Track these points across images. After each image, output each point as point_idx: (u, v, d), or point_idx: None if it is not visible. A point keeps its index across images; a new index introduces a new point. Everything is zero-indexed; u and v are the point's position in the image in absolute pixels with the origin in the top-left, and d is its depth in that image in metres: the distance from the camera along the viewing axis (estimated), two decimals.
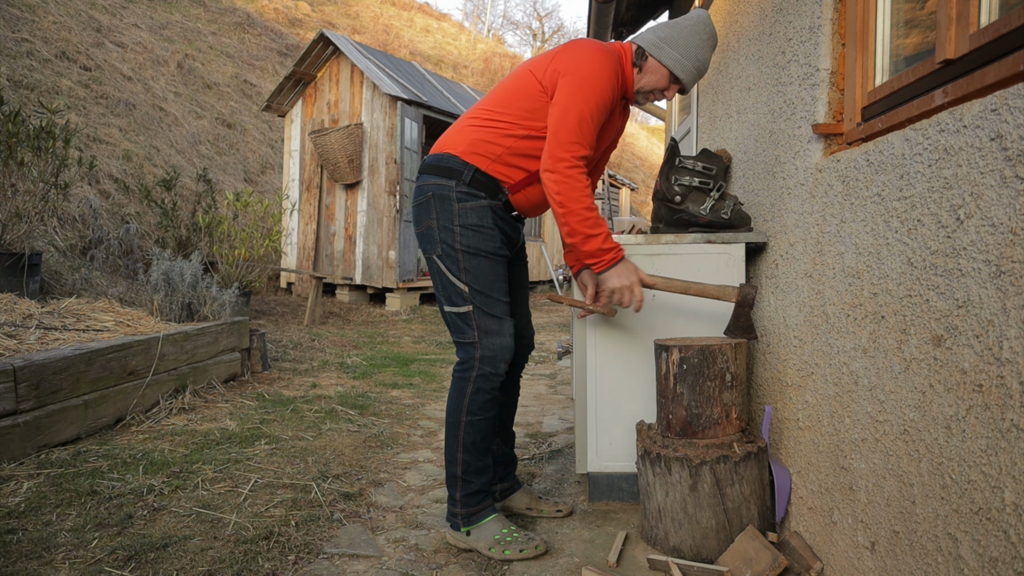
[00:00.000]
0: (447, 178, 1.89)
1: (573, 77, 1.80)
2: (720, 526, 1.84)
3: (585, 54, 1.83)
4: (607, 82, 1.81)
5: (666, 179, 2.33)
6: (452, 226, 1.87)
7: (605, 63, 1.82)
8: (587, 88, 1.79)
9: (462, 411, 1.91)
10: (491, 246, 1.89)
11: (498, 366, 1.90)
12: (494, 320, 1.90)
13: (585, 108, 1.78)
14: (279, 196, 9.17)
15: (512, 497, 2.22)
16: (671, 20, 1.96)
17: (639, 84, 1.97)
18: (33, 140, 4.76)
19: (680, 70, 1.93)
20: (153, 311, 3.98)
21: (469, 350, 1.90)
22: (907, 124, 1.40)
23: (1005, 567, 1.01)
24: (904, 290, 1.31)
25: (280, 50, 15.62)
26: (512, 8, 55.46)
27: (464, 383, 1.91)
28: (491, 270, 1.90)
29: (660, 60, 1.92)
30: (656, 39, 1.94)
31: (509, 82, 1.95)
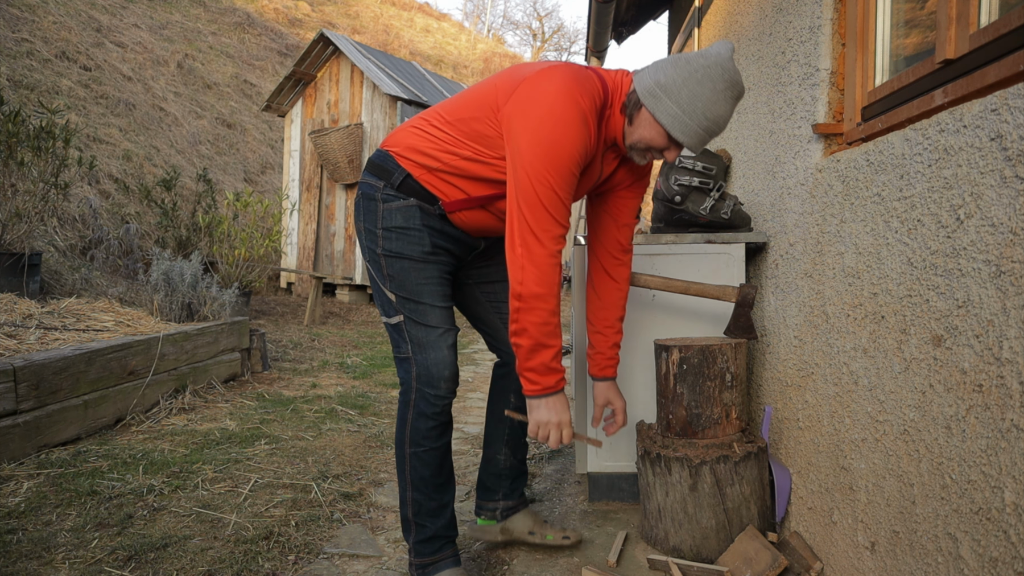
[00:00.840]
0: (377, 178, 1.67)
1: (530, 139, 1.43)
2: (720, 526, 1.84)
3: (544, 103, 1.43)
4: (572, 146, 1.44)
5: (666, 179, 2.33)
6: (375, 229, 1.65)
7: (568, 121, 1.43)
8: (548, 156, 1.42)
9: (405, 442, 1.68)
10: (417, 250, 1.64)
11: (437, 385, 1.64)
12: (427, 330, 1.65)
13: (551, 181, 1.44)
14: (279, 196, 9.17)
15: (513, 519, 1.97)
16: (682, 56, 1.49)
17: (631, 138, 1.55)
18: (33, 140, 4.76)
19: (679, 130, 1.47)
20: (153, 311, 3.98)
21: (406, 367, 1.66)
22: (907, 124, 1.40)
23: (1005, 567, 1.01)
24: (904, 290, 1.31)
25: (280, 50, 15.62)
26: (512, 8, 55.47)
27: (405, 409, 1.67)
28: (419, 275, 1.65)
29: (654, 114, 1.48)
30: (654, 84, 1.48)
31: (471, 93, 1.63)
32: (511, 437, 1.97)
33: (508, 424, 1.95)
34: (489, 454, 1.98)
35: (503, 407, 1.94)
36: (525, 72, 1.52)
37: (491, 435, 1.98)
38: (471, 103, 1.59)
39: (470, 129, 1.57)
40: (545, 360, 1.52)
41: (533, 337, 1.49)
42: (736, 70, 1.47)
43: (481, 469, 2.01)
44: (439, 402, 1.66)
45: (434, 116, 1.65)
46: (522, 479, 2.00)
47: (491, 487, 1.98)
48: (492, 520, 1.99)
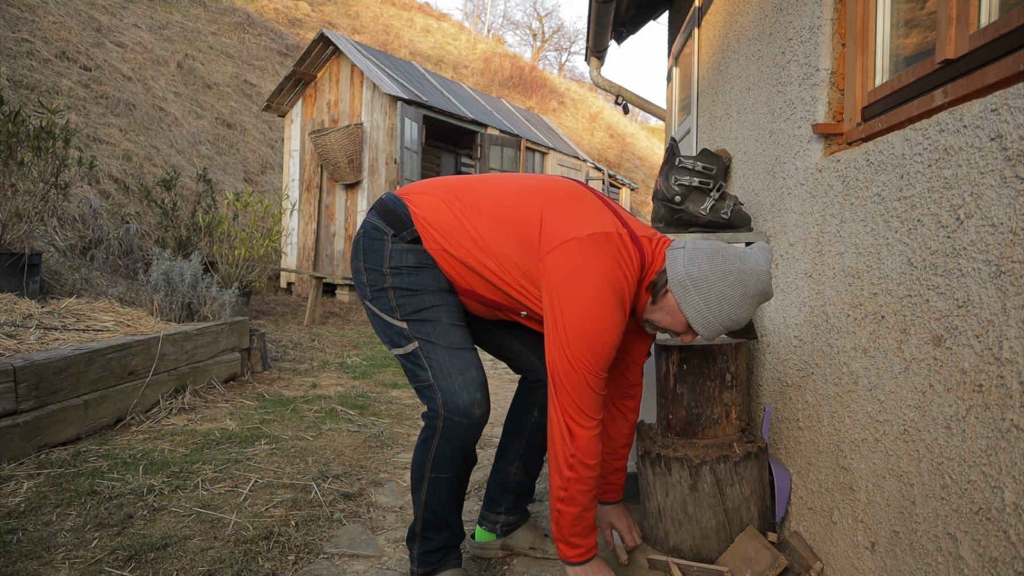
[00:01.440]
0: (388, 224, 1.59)
1: (574, 324, 1.44)
2: (720, 526, 1.84)
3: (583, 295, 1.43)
4: (614, 333, 1.46)
5: (666, 179, 2.33)
6: (381, 268, 1.58)
7: (610, 312, 1.45)
8: (591, 344, 1.44)
9: (426, 466, 1.60)
10: (430, 284, 1.58)
11: (469, 412, 1.52)
12: (448, 351, 1.55)
13: (594, 365, 1.46)
14: (279, 196, 9.17)
15: (515, 534, 1.94)
16: (720, 251, 1.51)
17: (650, 315, 1.57)
18: (33, 140, 4.76)
19: (700, 324, 1.51)
20: (153, 311, 3.98)
21: (431, 396, 1.55)
22: (907, 124, 1.40)
23: (1005, 567, 1.01)
24: (904, 290, 1.31)
25: (280, 50, 15.62)
26: (512, 8, 55.49)
27: (430, 434, 1.57)
28: (435, 299, 1.58)
29: (680, 304, 1.51)
30: (686, 276, 1.49)
31: (516, 209, 1.54)
32: (527, 452, 1.89)
33: (527, 438, 1.88)
34: (501, 465, 1.92)
35: (525, 420, 1.87)
36: (573, 225, 1.48)
37: (507, 446, 1.91)
38: (511, 222, 1.53)
39: (503, 248, 1.53)
40: (588, 522, 1.56)
41: (581, 504, 1.52)
42: (769, 278, 1.51)
43: (490, 478, 1.95)
44: (471, 432, 1.55)
45: (469, 205, 1.57)
46: (527, 496, 1.95)
47: (496, 499, 1.93)
48: (492, 534, 1.94)
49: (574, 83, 30.29)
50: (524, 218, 1.52)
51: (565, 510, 1.53)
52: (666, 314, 1.54)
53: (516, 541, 1.93)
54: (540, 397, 1.85)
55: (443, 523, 1.66)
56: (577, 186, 1.61)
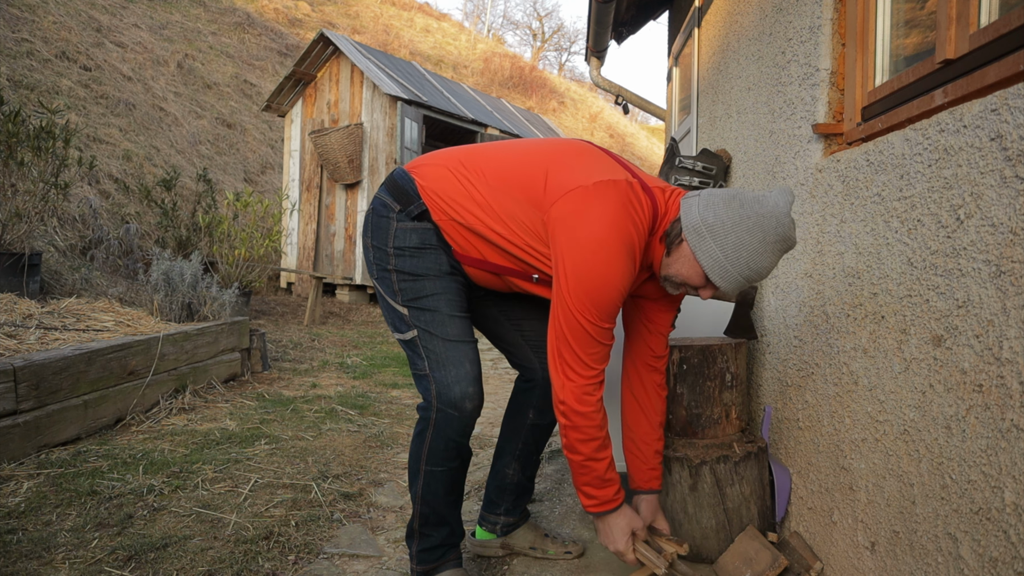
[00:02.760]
0: (395, 199, 1.59)
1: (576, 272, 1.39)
2: (720, 526, 1.84)
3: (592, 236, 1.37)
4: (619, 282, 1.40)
5: (666, 179, 2.33)
6: (386, 248, 1.58)
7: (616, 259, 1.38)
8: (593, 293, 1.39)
9: (421, 459, 1.61)
10: (432, 268, 1.57)
11: (461, 405, 1.54)
12: (445, 344, 1.55)
13: (595, 315, 1.40)
14: (279, 196, 9.17)
15: (515, 534, 1.93)
16: (737, 196, 1.41)
17: (666, 270, 1.49)
18: (33, 140, 4.76)
19: (718, 275, 1.41)
20: (153, 311, 3.98)
21: (426, 386, 1.57)
22: (907, 124, 1.40)
23: (1005, 567, 1.01)
24: (904, 290, 1.31)
25: (280, 50, 15.62)
26: (512, 8, 55.52)
27: (424, 426, 1.59)
28: (436, 285, 1.57)
29: (695, 253, 1.41)
30: (701, 222, 1.40)
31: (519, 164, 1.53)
32: (523, 453, 1.89)
33: (523, 440, 1.87)
34: (499, 467, 1.92)
35: (520, 421, 1.87)
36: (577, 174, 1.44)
37: (503, 448, 1.91)
38: (516, 177, 1.51)
39: (509, 209, 1.50)
40: (599, 473, 1.50)
41: (582, 453, 1.48)
42: (791, 223, 1.38)
43: (489, 480, 1.95)
44: (462, 424, 1.56)
45: (473, 166, 1.55)
46: (526, 496, 1.94)
47: (495, 500, 1.93)
48: (492, 534, 1.94)
49: (574, 83, 30.30)
50: (529, 176, 1.49)
51: (570, 458, 1.51)
52: (682, 265, 1.45)
53: (516, 540, 1.93)
54: (535, 398, 1.84)
55: (441, 519, 1.66)
56: (584, 143, 1.58)
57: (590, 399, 1.45)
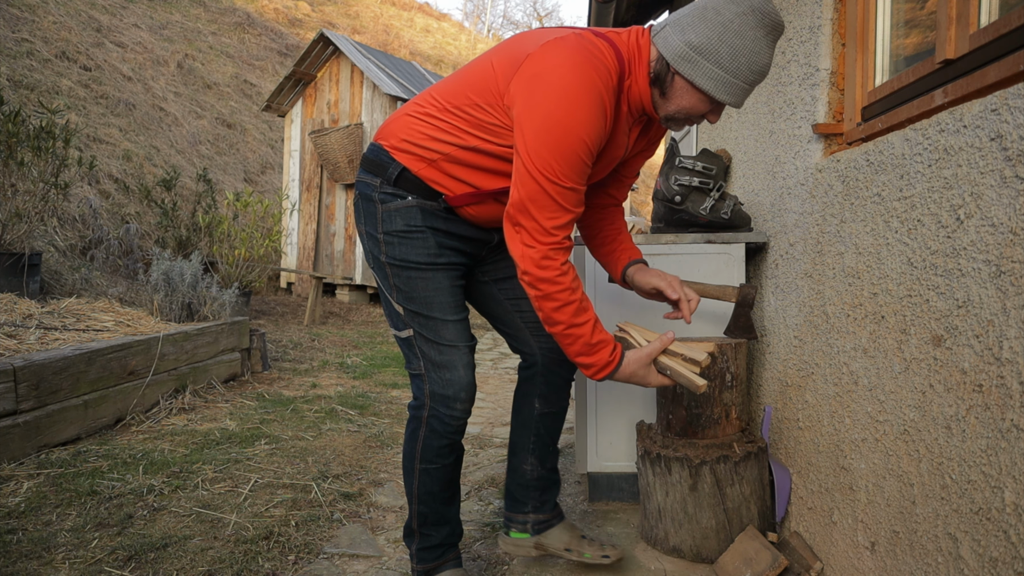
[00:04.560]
0: (373, 175, 1.54)
1: (537, 125, 1.30)
2: (720, 526, 1.84)
3: (555, 83, 1.29)
4: (586, 133, 1.31)
5: (666, 179, 2.33)
6: (376, 234, 1.54)
7: (581, 104, 1.29)
8: (557, 145, 1.30)
9: (415, 457, 1.61)
10: (422, 255, 1.52)
11: (452, 406, 1.54)
12: (440, 348, 1.54)
13: (560, 172, 1.31)
14: (279, 196, 9.17)
15: (549, 533, 1.80)
16: (707, 5, 1.32)
17: (666, 109, 1.41)
18: (33, 140, 4.76)
19: (725, 91, 1.33)
20: (153, 311, 3.98)
21: (419, 384, 1.57)
22: (907, 124, 1.40)
23: (1005, 567, 1.01)
24: (904, 290, 1.31)
25: (280, 50, 15.61)
26: (512, 8, 55.56)
27: (417, 424, 1.60)
28: (427, 285, 1.53)
29: (692, 81, 1.33)
30: (685, 47, 1.31)
31: (466, 75, 1.48)
32: (537, 445, 1.80)
33: (534, 432, 1.80)
34: (515, 463, 1.82)
35: (528, 413, 1.79)
36: (527, 46, 1.37)
37: (516, 443, 1.82)
38: (469, 86, 1.45)
39: (472, 118, 1.43)
40: (586, 339, 1.41)
41: (561, 322, 1.39)
42: (773, 9, 1.30)
43: (507, 479, 1.86)
44: (454, 423, 1.57)
45: (429, 101, 1.51)
46: (553, 490, 1.83)
47: (519, 499, 1.81)
48: (525, 533, 1.81)
49: None
50: (478, 73, 1.45)
51: (551, 332, 1.43)
52: (682, 98, 1.36)
53: (550, 540, 1.79)
54: (538, 386, 1.78)
55: (440, 518, 1.65)
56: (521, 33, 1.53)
57: (552, 263, 1.36)
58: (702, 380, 1.42)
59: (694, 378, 1.43)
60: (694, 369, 1.46)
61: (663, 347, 1.48)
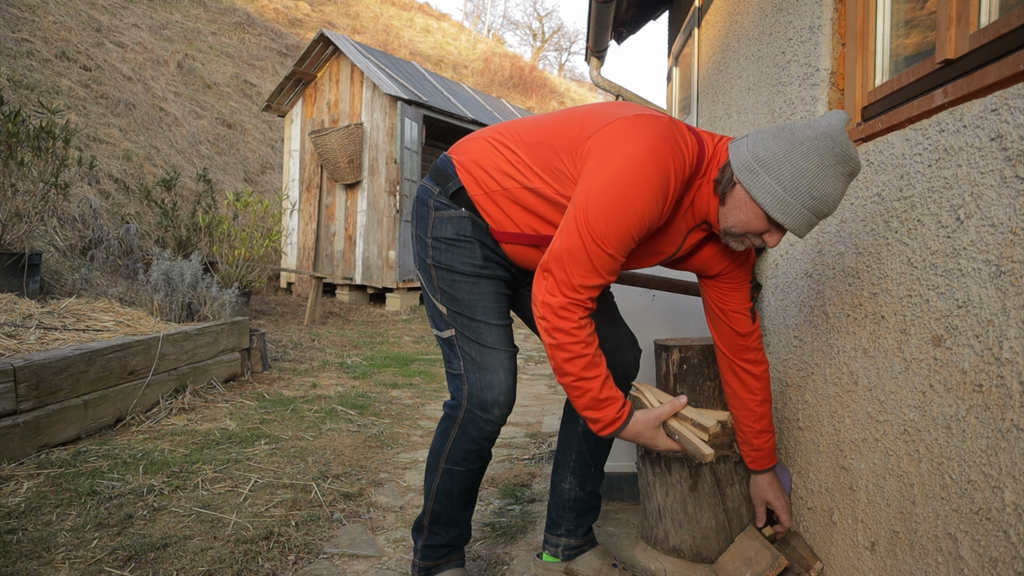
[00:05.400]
0: (435, 183, 1.57)
1: (599, 185, 1.30)
2: (720, 526, 1.84)
3: (629, 152, 1.30)
4: (642, 208, 1.30)
5: None
6: (426, 238, 1.55)
7: (646, 181, 1.29)
8: (611, 209, 1.29)
9: (442, 456, 1.59)
10: (467, 265, 1.52)
11: (489, 411, 1.51)
12: (482, 349, 1.52)
13: (605, 237, 1.30)
14: (279, 196, 9.17)
15: (579, 560, 1.76)
16: (786, 126, 1.33)
17: (725, 222, 1.39)
18: (33, 140, 4.76)
19: (780, 210, 1.30)
20: (153, 311, 3.98)
21: (458, 385, 1.55)
22: (907, 124, 1.40)
23: (1005, 567, 1.01)
24: (904, 290, 1.31)
25: (280, 50, 15.62)
26: (512, 8, 55.59)
27: (450, 424, 1.57)
28: (472, 289, 1.53)
29: (750, 192, 1.31)
30: (751, 158, 1.32)
31: (556, 118, 1.50)
32: (578, 464, 1.75)
33: (576, 449, 1.76)
34: (555, 481, 1.80)
35: (572, 429, 1.76)
36: (619, 112, 1.40)
37: (558, 461, 1.80)
38: (552, 129, 1.46)
39: (543, 158, 1.44)
40: (594, 394, 1.38)
41: (571, 373, 1.38)
42: (849, 143, 1.28)
43: (549, 499, 1.82)
44: (489, 427, 1.53)
45: (509, 133, 1.53)
46: (590, 515, 1.79)
47: (555, 519, 1.79)
48: (555, 558, 1.78)
49: (574, 83, 30.30)
50: (566, 125, 1.45)
51: (561, 382, 1.41)
52: (739, 211, 1.35)
53: (581, 567, 1.75)
54: None
55: (452, 519, 1.63)
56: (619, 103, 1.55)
57: (570, 315, 1.34)
58: (709, 450, 1.40)
59: (701, 446, 1.40)
60: (702, 436, 1.43)
61: (673, 411, 1.46)
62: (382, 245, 8.48)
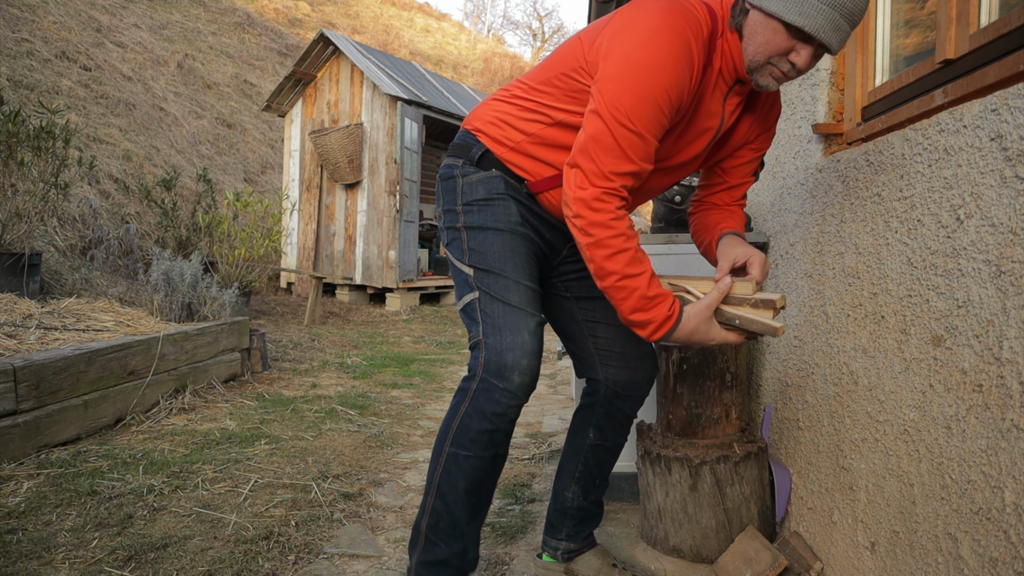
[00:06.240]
0: (456, 157, 1.49)
1: (618, 65, 1.22)
2: (720, 526, 1.84)
3: (641, 27, 1.22)
4: (667, 77, 1.21)
5: None
6: (455, 207, 1.46)
7: (667, 48, 1.20)
8: (635, 85, 1.20)
9: (448, 436, 1.39)
10: (502, 221, 1.42)
11: (508, 376, 1.32)
12: (505, 308, 1.36)
13: (632, 115, 1.21)
14: (279, 196, 9.17)
15: (580, 560, 1.73)
16: None
17: (747, 55, 1.27)
18: (33, 140, 4.76)
19: (796, 12, 1.16)
20: (153, 311, 3.98)
21: (476, 355, 1.38)
22: (907, 124, 1.40)
23: (1005, 567, 1.01)
24: (904, 290, 1.31)
25: (280, 50, 15.61)
26: (512, 8, 55.58)
27: (461, 398, 1.39)
28: (505, 245, 1.41)
29: (762, 6, 1.20)
30: None
31: (556, 53, 1.43)
32: (583, 475, 1.70)
33: (583, 461, 1.70)
34: (558, 488, 1.75)
35: (581, 440, 1.70)
36: (612, 14, 1.34)
37: (562, 468, 1.75)
38: (557, 61, 1.40)
39: (559, 87, 1.37)
40: (641, 291, 1.26)
41: (614, 272, 1.25)
42: None
43: (550, 502, 1.79)
44: (505, 400, 1.33)
45: (516, 85, 1.47)
46: (591, 522, 1.75)
47: (555, 524, 1.76)
48: (554, 559, 1.76)
49: None
50: (568, 50, 1.39)
51: (602, 286, 1.29)
52: (759, 35, 1.22)
53: (580, 567, 1.73)
54: (596, 416, 1.68)
55: (454, 526, 1.39)
56: None
57: (606, 205, 1.24)
58: (780, 323, 1.25)
59: (770, 322, 1.25)
60: (766, 314, 1.28)
61: (722, 295, 1.32)
62: (382, 245, 8.48)
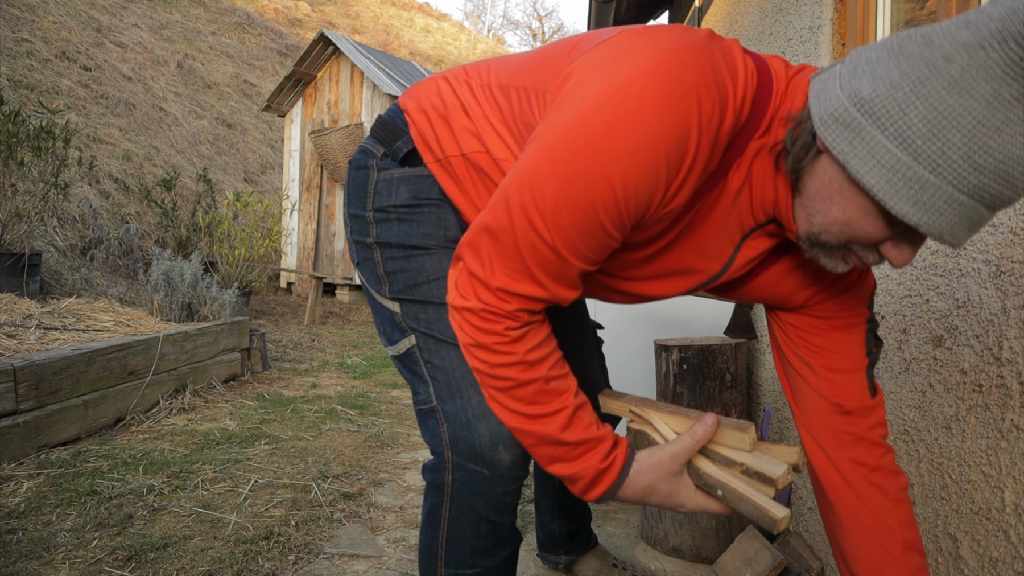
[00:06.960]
0: (378, 140, 1.05)
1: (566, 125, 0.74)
2: (720, 526, 1.84)
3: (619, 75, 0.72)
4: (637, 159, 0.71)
5: None
6: (364, 212, 1.04)
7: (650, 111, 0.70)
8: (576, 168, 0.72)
9: (437, 557, 1.01)
10: (438, 234, 1.01)
11: (492, 457, 0.93)
12: (459, 354, 0.96)
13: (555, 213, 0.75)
14: (279, 196, 9.17)
15: (580, 560, 1.70)
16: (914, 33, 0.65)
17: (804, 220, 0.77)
18: (33, 140, 4.76)
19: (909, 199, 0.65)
20: (153, 311, 3.98)
21: (434, 427, 0.98)
22: None
23: (1005, 567, 1.01)
24: (904, 290, 1.31)
25: (280, 50, 15.62)
26: (512, 8, 55.62)
27: (437, 498, 1.00)
28: (439, 265, 1.00)
29: (847, 166, 0.67)
30: (846, 100, 0.67)
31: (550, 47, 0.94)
32: (562, 507, 1.61)
33: (556, 497, 1.60)
34: (542, 519, 1.67)
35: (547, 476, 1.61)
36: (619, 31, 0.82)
37: (539, 503, 1.67)
38: (535, 64, 0.92)
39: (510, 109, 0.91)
40: (554, 436, 0.83)
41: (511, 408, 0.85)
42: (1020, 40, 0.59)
43: (536, 526, 1.73)
44: (501, 487, 0.95)
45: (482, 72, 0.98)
46: (583, 532, 1.69)
47: (549, 546, 1.72)
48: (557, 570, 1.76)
49: None
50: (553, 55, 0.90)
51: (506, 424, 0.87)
52: (838, 207, 0.71)
53: (581, 567, 1.70)
54: None
55: None
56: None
57: (494, 326, 0.82)
58: (783, 510, 0.81)
59: (767, 506, 0.81)
60: (765, 491, 0.83)
61: (699, 444, 0.86)
62: None
